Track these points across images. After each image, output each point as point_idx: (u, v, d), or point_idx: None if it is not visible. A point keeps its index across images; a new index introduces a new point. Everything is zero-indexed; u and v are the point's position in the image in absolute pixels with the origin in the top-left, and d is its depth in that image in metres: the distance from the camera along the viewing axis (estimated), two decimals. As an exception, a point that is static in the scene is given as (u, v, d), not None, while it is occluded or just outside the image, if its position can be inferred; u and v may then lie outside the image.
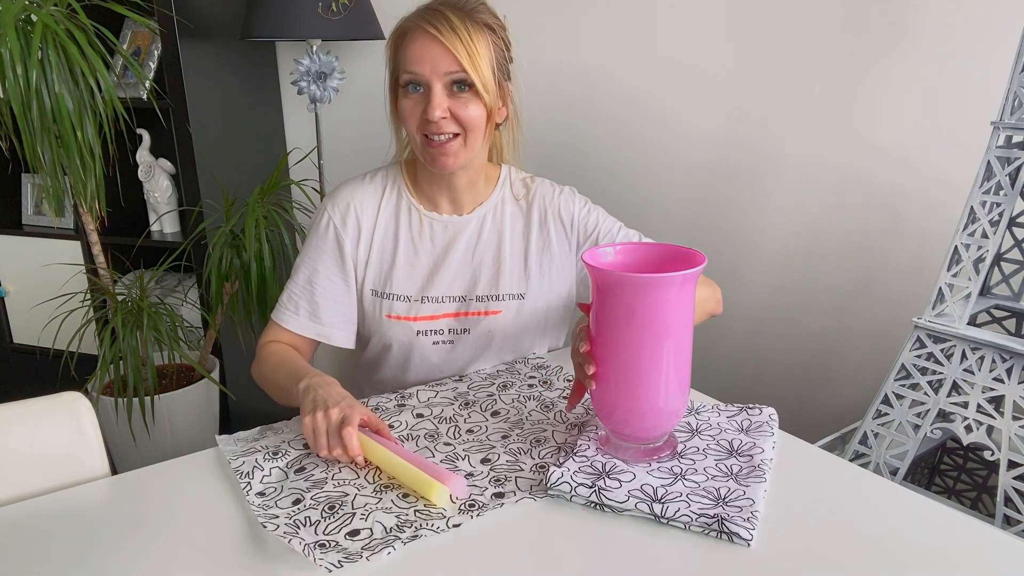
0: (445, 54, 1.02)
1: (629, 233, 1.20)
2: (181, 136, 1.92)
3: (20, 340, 2.35)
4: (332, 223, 1.15)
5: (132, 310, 1.74)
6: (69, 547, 0.76)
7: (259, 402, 2.23)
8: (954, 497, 1.58)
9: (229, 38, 2.03)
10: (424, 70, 1.03)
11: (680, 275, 0.80)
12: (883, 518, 0.78)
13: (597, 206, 1.22)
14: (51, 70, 1.50)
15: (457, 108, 1.04)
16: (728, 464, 0.86)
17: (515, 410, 1.03)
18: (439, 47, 1.02)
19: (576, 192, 1.22)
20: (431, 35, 1.03)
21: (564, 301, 1.22)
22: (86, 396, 0.94)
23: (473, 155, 1.10)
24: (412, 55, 1.04)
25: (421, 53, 1.03)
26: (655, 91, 1.93)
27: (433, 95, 1.03)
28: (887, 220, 1.75)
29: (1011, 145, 1.33)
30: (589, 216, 1.20)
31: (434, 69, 1.03)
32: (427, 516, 0.79)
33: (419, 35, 1.04)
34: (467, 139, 1.07)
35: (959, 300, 1.34)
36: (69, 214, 2.13)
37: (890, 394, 1.41)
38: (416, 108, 1.05)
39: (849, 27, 1.70)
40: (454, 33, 1.02)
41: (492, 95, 1.06)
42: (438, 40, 1.02)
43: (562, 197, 1.20)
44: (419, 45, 1.03)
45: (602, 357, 0.86)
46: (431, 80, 1.03)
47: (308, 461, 0.90)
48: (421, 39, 1.03)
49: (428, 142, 1.06)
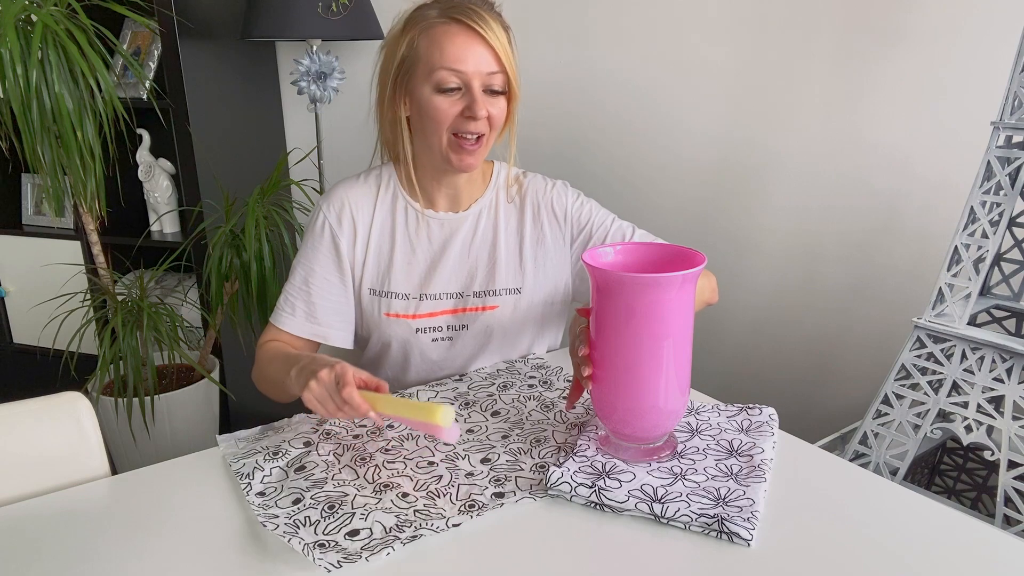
0: (487, 53, 1.01)
1: (623, 225, 1.19)
2: (181, 136, 1.92)
3: (20, 340, 2.35)
4: (328, 223, 1.14)
5: (132, 310, 1.74)
6: (69, 547, 0.76)
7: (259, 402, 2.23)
8: (954, 497, 1.58)
9: (229, 38, 2.03)
10: (467, 68, 1.01)
11: (680, 275, 0.80)
12: (883, 518, 0.78)
13: (590, 199, 1.22)
14: (51, 70, 1.50)
15: (489, 107, 1.04)
16: (728, 464, 0.86)
17: (515, 410, 1.03)
18: (482, 46, 1.01)
19: (568, 185, 1.22)
20: (475, 32, 1.00)
21: (561, 295, 1.22)
22: (86, 396, 0.94)
23: (487, 153, 1.10)
24: (454, 53, 1.01)
25: (464, 52, 1.00)
26: (656, 91, 1.93)
27: (475, 94, 1.02)
28: (887, 220, 1.75)
29: (1011, 145, 1.33)
30: (582, 209, 1.20)
31: (476, 68, 1.01)
32: (427, 516, 0.79)
33: (459, 31, 1.01)
34: (488, 138, 1.07)
35: (959, 300, 1.34)
36: (69, 214, 2.13)
37: (890, 394, 1.41)
38: (454, 107, 1.03)
39: (850, 27, 1.70)
40: (493, 32, 1.01)
41: (516, 99, 1.06)
42: (482, 38, 1.00)
43: (555, 191, 1.20)
44: (460, 43, 1.00)
45: (602, 357, 0.86)
46: (472, 80, 1.02)
47: (308, 460, 0.90)
48: (463, 36, 1.00)
49: (461, 141, 1.05)
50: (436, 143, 1.07)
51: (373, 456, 0.91)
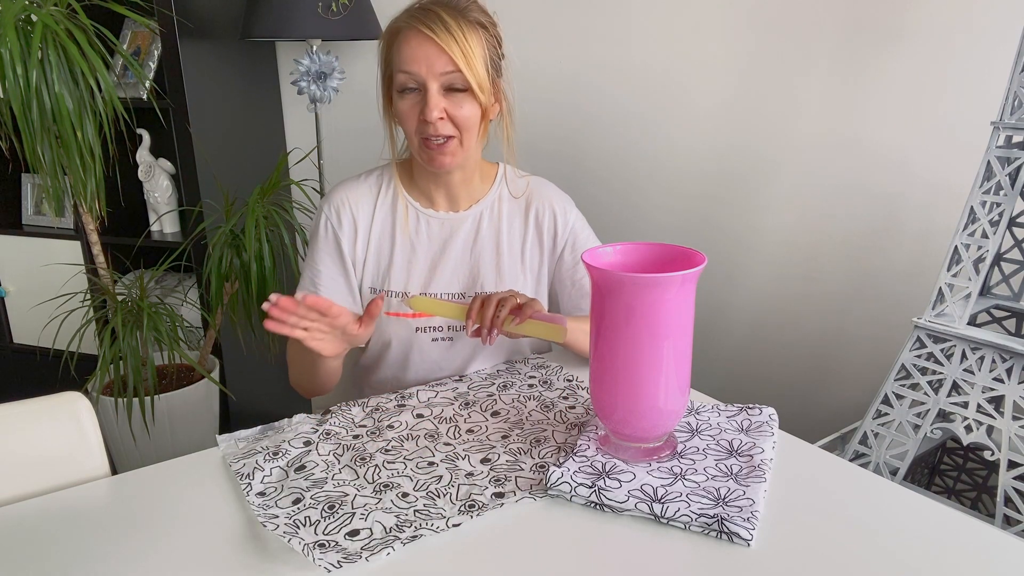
0: (440, 54, 1.02)
1: None
2: (181, 136, 1.92)
3: (20, 340, 2.35)
4: (329, 223, 1.16)
5: (132, 310, 1.74)
6: (69, 547, 0.76)
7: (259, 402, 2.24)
8: (954, 497, 1.58)
9: (229, 38, 2.03)
10: (420, 70, 1.03)
11: (680, 275, 0.80)
12: (883, 518, 0.78)
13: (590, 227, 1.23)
14: (51, 70, 1.50)
15: (453, 108, 1.04)
16: (728, 464, 0.86)
17: (515, 410, 1.03)
18: (434, 47, 1.02)
19: (574, 204, 1.23)
20: (425, 35, 1.02)
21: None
22: (86, 396, 0.94)
23: (469, 153, 1.10)
24: (407, 55, 1.03)
25: (415, 53, 1.02)
26: (656, 91, 1.93)
27: (429, 96, 1.03)
28: (887, 220, 1.75)
29: (1011, 145, 1.33)
30: (580, 234, 1.21)
31: (430, 69, 1.02)
32: (427, 516, 0.79)
33: (413, 35, 1.03)
34: (463, 139, 1.07)
35: (959, 300, 1.34)
36: (69, 214, 2.13)
37: (890, 394, 1.41)
38: (413, 109, 1.05)
39: (849, 28, 1.70)
40: (448, 32, 1.02)
41: (487, 94, 1.06)
42: (432, 40, 1.02)
43: (562, 202, 1.21)
44: (414, 45, 1.03)
45: (602, 357, 0.86)
46: (427, 80, 1.03)
47: (308, 460, 0.90)
48: (415, 39, 1.03)
49: (425, 143, 1.07)
50: (412, 147, 1.10)
51: (373, 456, 0.91)
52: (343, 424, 0.99)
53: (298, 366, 1.13)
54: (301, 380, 1.15)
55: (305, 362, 1.08)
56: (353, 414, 1.02)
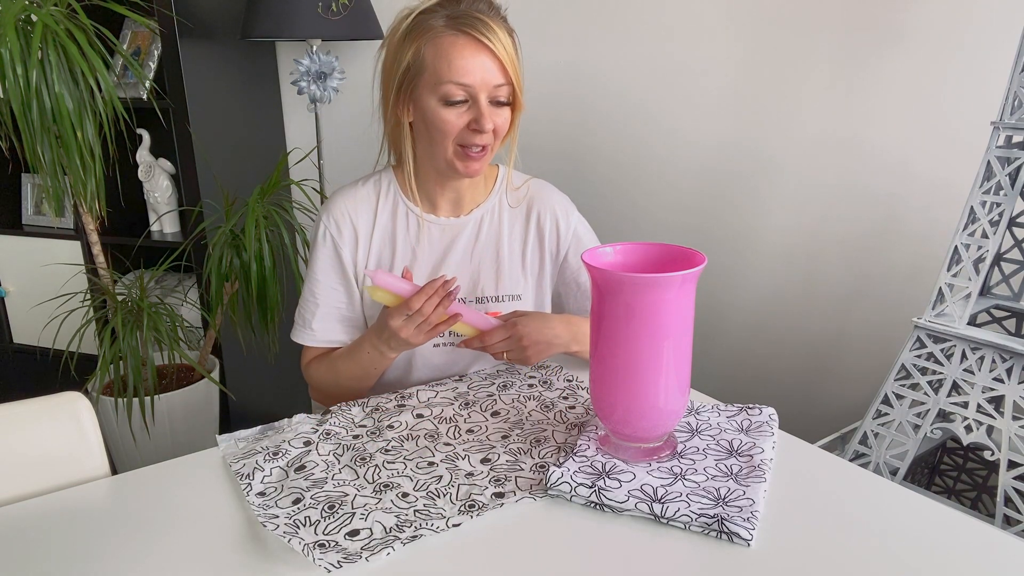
0: (495, 66, 1.01)
1: None
2: (181, 136, 1.92)
3: (20, 340, 2.35)
4: (328, 233, 1.14)
5: (132, 310, 1.74)
6: (69, 547, 0.76)
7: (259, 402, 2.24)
8: (954, 497, 1.58)
9: (229, 38, 2.03)
10: (474, 81, 1.00)
11: (680, 275, 0.80)
12: (883, 518, 0.78)
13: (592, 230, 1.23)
14: (51, 70, 1.50)
15: (495, 117, 1.04)
16: (728, 464, 0.86)
17: (515, 410, 1.03)
18: (490, 59, 1.00)
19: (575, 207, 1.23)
20: (483, 45, 0.99)
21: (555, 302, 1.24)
22: (86, 396, 0.94)
23: (492, 158, 1.10)
24: (460, 66, 1.00)
25: (472, 64, 1.00)
26: (656, 91, 1.93)
27: (482, 108, 1.02)
28: (887, 220, 1.75)
29: (1011, 145, 1.33)
30: (583, 237, 1.21)
31: (484, 81, 1.01)
32: (427, 516, 0.79)
33: (467, 43, 1.00)
34: (493, 146, 1.07)
35: (959, 300, 1.34)
36: (69, 214, 2.13)
37: (890, 394, 1.41)
38: (460, 119, 1.03)
39: (849, 28, 1.70)
40: (502, 44, 1.00)
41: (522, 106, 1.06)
42: (490, 51, 1.00)
43: (563, 204, 1.21)
44: (469, 55, 1.00)
45: (602, 357, 0.86)
46: (479, 93, 1.01)
47: (308, 460, 0.90)
48: (471, 48, 1.00)
49: (466, 151, 1.05)
50: (441, 152, 1.07)
51: (373, 456, 0.91)
52: (343, 424, 0.99)
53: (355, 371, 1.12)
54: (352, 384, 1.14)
55: (374, 364, 1.10)
56: (353, 414, 1.02)
